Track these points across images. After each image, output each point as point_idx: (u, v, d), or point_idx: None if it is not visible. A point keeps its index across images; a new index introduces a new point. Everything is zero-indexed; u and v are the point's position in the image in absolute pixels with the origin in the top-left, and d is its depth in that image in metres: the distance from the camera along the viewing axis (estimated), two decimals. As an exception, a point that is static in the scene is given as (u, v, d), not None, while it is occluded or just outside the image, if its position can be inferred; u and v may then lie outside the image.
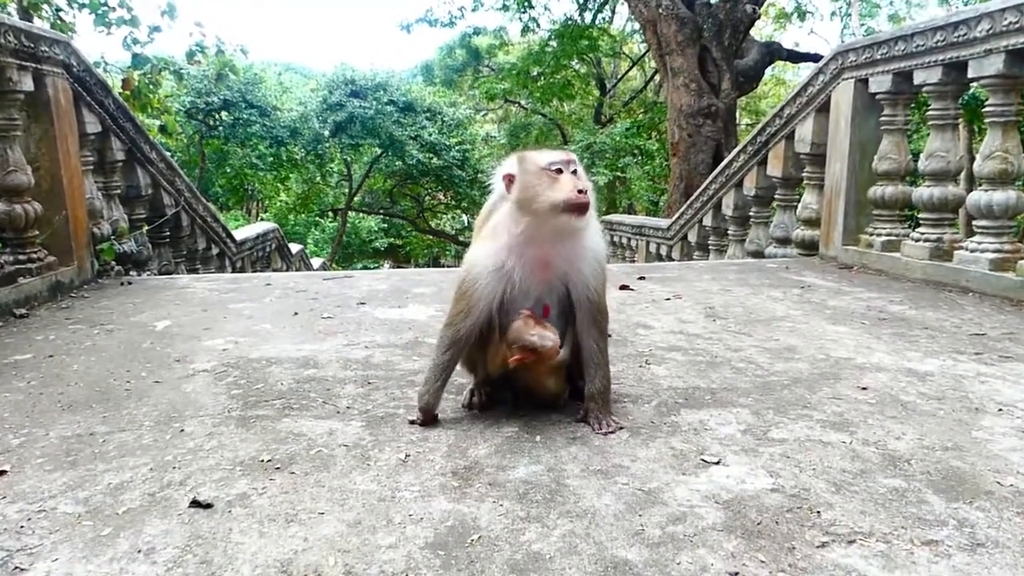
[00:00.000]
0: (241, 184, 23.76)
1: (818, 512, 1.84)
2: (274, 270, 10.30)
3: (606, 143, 20.29)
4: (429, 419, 2.36)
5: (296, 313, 4.12)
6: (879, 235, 5.46)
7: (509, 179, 2.27)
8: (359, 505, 1.88)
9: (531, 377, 2.32)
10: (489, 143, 27.82)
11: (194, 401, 2.64)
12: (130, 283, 5.21)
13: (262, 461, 2.13)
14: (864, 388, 2.74)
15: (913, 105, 5.69)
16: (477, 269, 2.28)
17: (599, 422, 2.33)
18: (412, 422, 2.34)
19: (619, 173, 21.19)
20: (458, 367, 2.87)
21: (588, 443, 2.23)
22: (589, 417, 2.36)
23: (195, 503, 1.88)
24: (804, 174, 6.38)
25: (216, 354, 3.25)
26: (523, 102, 25.17)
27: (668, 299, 4.46)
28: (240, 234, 9.26)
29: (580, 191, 2.19)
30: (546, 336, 2.22)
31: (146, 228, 6.13)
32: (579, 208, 2.19)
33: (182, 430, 2.37)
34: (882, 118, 5.44)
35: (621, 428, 2.33)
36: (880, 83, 5.35)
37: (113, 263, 5.45)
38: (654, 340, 3.47)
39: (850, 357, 3.16)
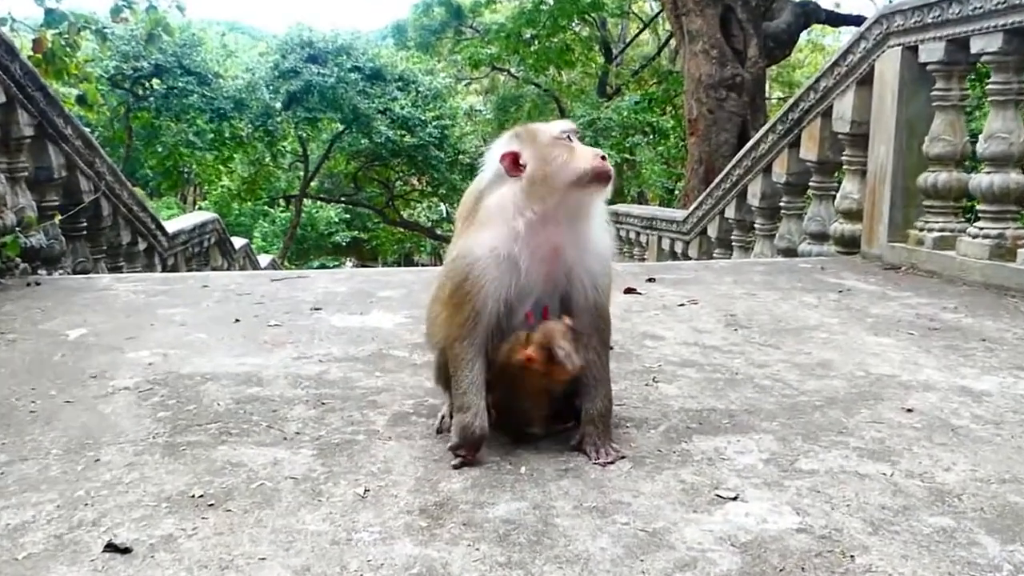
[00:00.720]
0: (175, 166, 23.68)
1: (852, 556, 1.85)
2: (213, 269, 10.26)
3: (612, 119, 20.40)
4: (478, 448, 2.31)
5: (238, 320, 4.10)
6: (931, 230, 5.51)
7: (511, 158, 2.30)
8: (308, 549, 1.87)
9: (526, 387, 2.33)
10: (473, 118, 27.85)
11: (113, 425, 2.62)
12: (38, 284, 5.17)
13: (193, 496, 2.12)
14: (909, 410, 2.76)
15: (971, 78, 5.75)
16: (479, 261, 2.28)
17: (597, 450, 2.34)
18: (458, 466, 2.27)
19: (627, 155, 21.30)
20: (430, 384, 2.89)
21: (583, 475, 2.24)
22: (585, 444, 2.37)
23: (111, 547, 1.87)
24: (843, 158, 6.43)
25: (141, 369, 3.23)
26: (513, 70, 25.26)
27: (682, 305, 4.47)
28: (173, 226, 9.23)
29: (602, 157, 2.29)
30: (573, 357, 2.26)
31: (59, 218, 6.09)
32: (605, 177, 2.28)
33: (97, 460, 2.35)
34: (934, 93, 5.49)
35: (622, 457, 2.34)
36: (931, 51, 5.40)
37: (18, 260, 5.41)
38: (664, 353, 3.48)
39: (894, 374, 3.18)
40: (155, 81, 21.46)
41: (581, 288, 2.37)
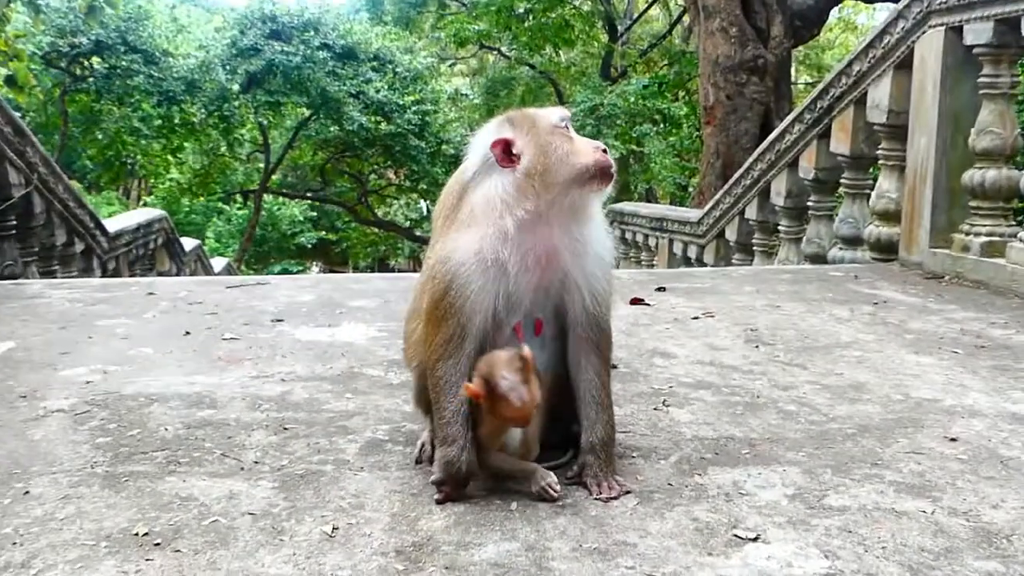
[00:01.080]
0: (117, 156, 23.67)
1: (887, 606, 1.86)
2: (160, 274, 10.24)
3: (617, 105, 20.46)
4: (464, 485, 2.30)
5: (188, 333, 4.10)
6: (978, 234, 5.55)
7: (504, 146, 2.30)
8: (268, 595, 1.87)
9: (490, 423, 2.31)
10: (458, 103, 27.96)
11: (45, 452, 2.61)
12: (-40, 290, 5.16)
13: (137, 535, 2.11)
14: (953, 439, 2.78)
15: (1023, 63, 5.80)
16: (463, 267, 2.28)
17: (599, 484, 2.35)
18: (440, 501, 2.27)
19: (634, 146, 21.37)
20: (408, 407, 2.90)
21: (582, 512, 2.24)
22: (586, 476, 2.37)
23: (42, 592, 1.86)
24: (879, 152, 6.48)
25: (77, 388, 3.22)
26: (504, 49, 25.32)
27: (696, 318, 4.48)
28: (114, 224, 9.21)
29: (604, 150, 2.32)
30: (520, 390, 2.20)
31: (-16, 215, 6.08)
32: (608, 174, 2.31)
33: (27, 492, 2.34)
34: (981, 79, 5.54)
35: (628, 492, 2.34)
36: (978, 33, 5.45)
37: (-63, 263, 5.40)
38: (675, 373, 3.48)
39: (936, 398, 3.20)
40: (95, 59, 21.46)
41: (578, 297, 2.38)
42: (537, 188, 2.28)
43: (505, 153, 2.30)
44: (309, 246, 31.95)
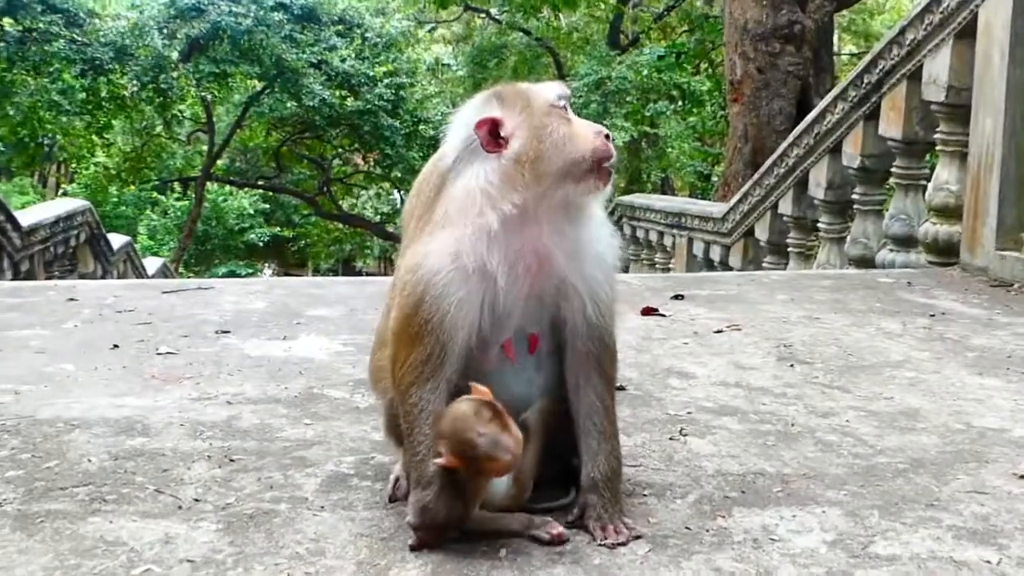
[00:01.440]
0: (32, 136, 23.59)
1: (944, 672, 1.87)
2: (82, 276, 10.21)
3: (627, 79, 20.54)
4: (444, 532, 2.29)
5: (116, 346, 4.08)
6: (1053, 234, 5.59)
7: (491, 127, 2.31)
8: (210, 658, 1.87)
9: (474, 485, 2.31)
10: (439, 75, 28.00)
11: (-56, 488, 2.60)
12: None
13: (53, 586, 2.11)
14: (1023, 477, 2.79)
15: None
16: (439, 276, 2.27)
17: (603, 527, 2.35)
18: (415, 547, 2.27)
19: (647, 128, 21.43)
20: (378, 434, 2.90)
21: (583, 561, 2.24)
22: (588, 518, 2.37)
23: (-60, 654, 1.86)
24: (937, 136, 6.52)
25: (-17, 412, 3.21)
26: (494, 12, 25.36)
27: (720, 331, 4.49)
28: (28, 217, 9.18)
29: (605, 135, 2.33)
30: (506, 443, 2.19)
31: None
32: (606, 164, 2.32)
33: (-78, 535, 2.34)
34: (1058, 50, 5.58)
35: (637, 537, 2.34)
36: (1055, -5, 5.49)
37: None
38: (695, 396, 3.49)
39: (1003, 427, 3.21)
40: (6, 21, 21.39)
41: (578, 305, 2.38)
42: (526, 179, 2.28)
43: (492, 135, 2.30)
44: (261, 244, 31.95)
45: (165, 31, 22.76)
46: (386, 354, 2.49)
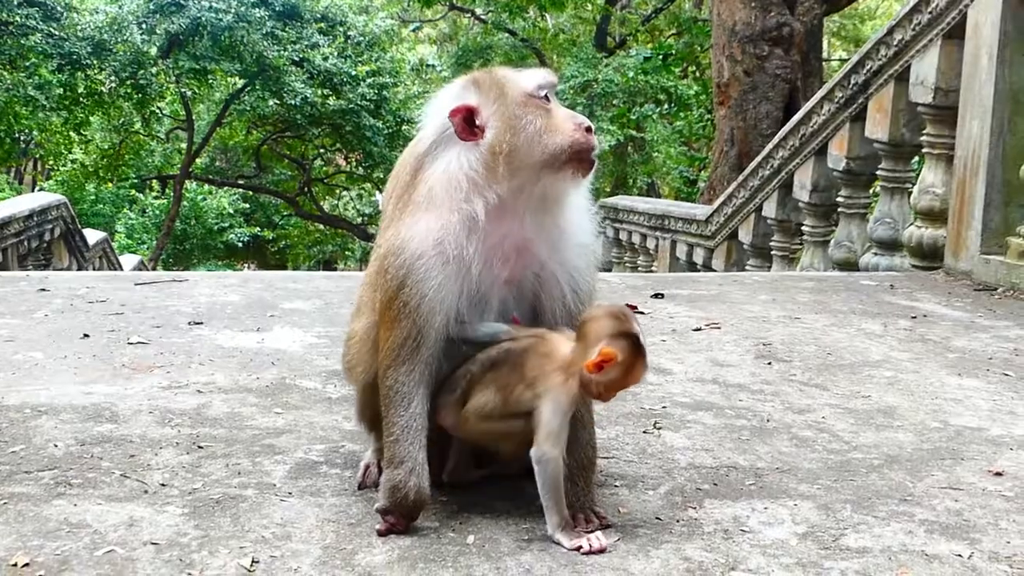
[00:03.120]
0: (8, 131, 23.46)
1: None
2: (58, 270, 10.16)
3: (614, 82, 20.56)
4: (414, 518, 2.32)
5: (87, 336, 4.09)
6: (1036, 238, 5.63)
7: (465, 114, 2.32)
8: (171, 639, 1.87)
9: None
10: (423, 75, 27.97)
11: (-95, 470, 2.60)
12: None
13: (15, 565, 2.11)
14: (998, 474, 2.81)
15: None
16: (421, 260, 2.29)
17: (574, 515, 2.35)
18: (383, 532, 2.29)
19: (633, 131, 21.46)
20: (350, 424, 2.91)
21: (551, 549, 2.25)
22: (558, 507, 2.39)
23: None
24: (923, 138, 6.55)
25: (-53, 397, 3.21)
26: (480, 12, 25.39)
27: (698, 329, 4.51)
28: (2, 210, 9.15)
29: (587, 128, 2.32)
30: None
31: None
32: (587, 159, 2.32)
33: None
34: (1046, 51, 5.63)
35: (608, 527, 2.36)
36: (1041, -3, 5.53)
37: None
38: (670, 392, 3.50)
39: (980, 426, 3.24)
40: (-18, 13, 21.30)
41: (557, 294, 2.40)
42: (502, 171, 2.29)
43: (466, 124, 2.31)
44: (240, 244, 31.79)
45: (144, 26, 22.68)
46: (356, 339, 2.51)
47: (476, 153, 2.31)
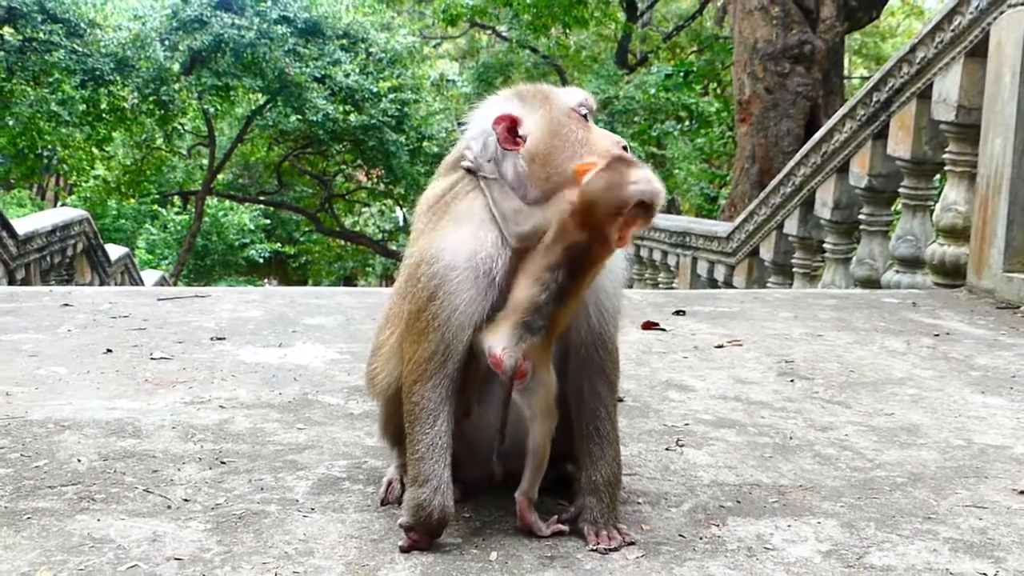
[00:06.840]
0: (32, 147, 23.64)
1: None
2: (80, 286, 10.22)
3: (635, 99, 20.61)
4: (437, 534, 2.32)
5: (110, 351, 4.11)
6: (1062, 256, 5.61)
7: (509, 123, 2.34)
8: (195, 653, 1.89)
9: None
10: (444, 91, 28.06)
11: (-69, 484, 2.63)
12: None
13: (39, 581, 2.13)
14: (1023, 492, 2.81)
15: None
16: (454, 272, 2.30)
17: (597, 532, 2.37)
18: (406, 548, 2.30)
19: (654, 148, 21.46)
20: (372, 439, 2.92)
21: (575, 565, 2.26)
22: (582, 522, 2.40)
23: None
24: (946, 156, 6.54)
25: (-27, 412, 3.24)
26: (502, 29, 25.48)
27: (720, 346, 4.52)
28: (25, 225, 9.23)
29: (624, 147, 2.35)
30: (652, 179, 2.26)
31: None
32: None
33: (-92, 529, 2.36)
34: (1069, 69, 5.61)
35: (631, 543, 2.37)
36: (1065, 14, 5.53)
37: None
38: (693, 409, 3.51)
39: (1005, 444, 3.23)
40: (7, 30, 21.49)
41: (582, 313, 2.40)
42: (538, 176, 2.32)
43: (509, 132, 2.33)
44: (261, 260, 31.97)
45: (167, 43, 22.83)
46: (383, 351, 2.52)
47: (514, 163, 2.34)
